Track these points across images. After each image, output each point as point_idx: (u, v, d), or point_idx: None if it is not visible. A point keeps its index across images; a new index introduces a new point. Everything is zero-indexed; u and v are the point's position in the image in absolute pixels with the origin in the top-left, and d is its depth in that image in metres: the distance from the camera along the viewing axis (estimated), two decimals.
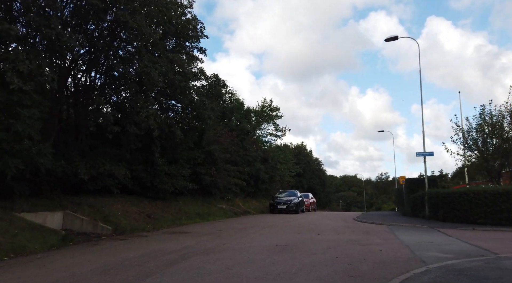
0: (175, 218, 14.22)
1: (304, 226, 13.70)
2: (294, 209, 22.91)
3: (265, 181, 27.51)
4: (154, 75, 10.86)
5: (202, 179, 18.93)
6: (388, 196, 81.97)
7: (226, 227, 12.74)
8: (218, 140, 20.70)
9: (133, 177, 14.36)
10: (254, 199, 27.08)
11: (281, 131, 34.05)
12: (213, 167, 19.59)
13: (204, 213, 17.02)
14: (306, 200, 28.04)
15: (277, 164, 29.99)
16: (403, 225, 14.41)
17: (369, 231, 12.09)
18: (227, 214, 19.00)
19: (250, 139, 27.26)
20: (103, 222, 10.69)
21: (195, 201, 18.59)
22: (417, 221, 15.96)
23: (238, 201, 22.69)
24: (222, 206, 20.19)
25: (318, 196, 57.31)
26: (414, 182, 18.49)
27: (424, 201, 16.59)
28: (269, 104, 33.27)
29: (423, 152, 16.96)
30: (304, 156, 54.16)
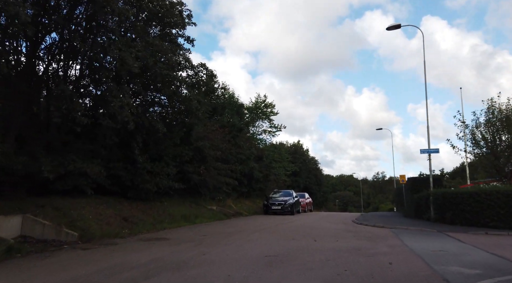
0: (156, 222, 12.86)
1: (299, 229, 12.41)
2: (289, 210, 21.63)
3: (259, 180, 26.20)
4: (129, 59, 9.48)
5: (190, 178, 17.57)
6: (385, 196, 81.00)
7: (212, 232, 11.40)
8: (208, 137, 19.33)
9: (111, 175, 12.97)
10: (247, 199, 25.76)
11: (276, 128, 32.80)
12: (202, 165, 18.23)
13: (191, 215, 15.67)
14: (302, 200, 26.76)
15: (272, 162, 28.70)
16: (407, 229, 13.16)
17: (372, 236, 10.81)
18: (217, 216, 17.66)
19: (244, 136, 25.93)
20: (69, 227, 9.31)
21: (182, 202, 17.24)
22: (421, 223, 14.72)
23: (229, 202, 21.36)
24: (212, 207, 18.85)
25: (315, 196, 56.09)
26: (417, 181, 17.27)
27: (429, 202, 15.36)
28: (263, 100, 31.99)
29: (428, 149, 15.72)
30: (300, 154, 52.89)
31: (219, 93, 25.63)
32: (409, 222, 15.63)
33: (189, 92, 13.49)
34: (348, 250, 7.86)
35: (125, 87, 10.24)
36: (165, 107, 15.84)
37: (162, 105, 15.61)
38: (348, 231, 12.30)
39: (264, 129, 32.66)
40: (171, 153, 15.60)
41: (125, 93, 9.98)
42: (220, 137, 20.86)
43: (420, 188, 17.05)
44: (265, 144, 32.52)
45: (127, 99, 9.98)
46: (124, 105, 9.89)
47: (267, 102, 32.22)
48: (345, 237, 10.60)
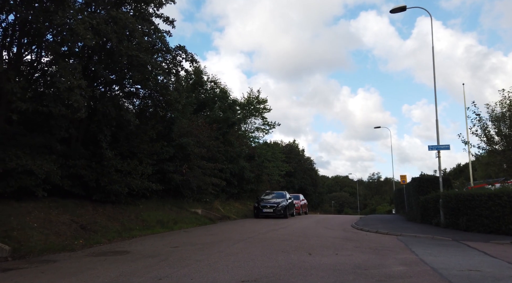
0: (124, 229, 10.96)
1: (291, 238, 10.58)
2: (282, 213, 19.80)
3: (250, 180, 24.34)
4: (79, 29, 7.61)
5: (171, 178, 15.70)
6: (382, 197, 79.54)
7: (187, 242, 9.53)
8: (192, 133, 17.47)
9: (71, 175, 11.09)
10: (237, 201, 23.90)
11: (270, 125, 30.99)
12: (185, 163, 16.37)
13: (169, 220, 13.77)
14: (297, 202, 24.96)
15: (265, 161, 26.85)
16: (416, 236, 11.39)
17: (378, 247, 9.02)
18: (201, 220, 15.78)
19: (234, 134, 24.07)
20: (1, 238, 7.41)
21: (161, 205, 15.34)
22: (431, 229, 12.97)
23: (217, 204, 19.49)
24: (197, 210, 16.97)
25: (310, 197, 54.33)
26: (423, 181, 15.54)
27: (438, 205, 13.62)
28: (256, 95, 30.15)
29: (437, 145, 13.98)
30: (295, 154, 51.15)
31: (208, 87, 23.78)
32: (416, 227, 13.88)
33: (165, 79, 11.60)
34: (352, 270, 6.05)
35: (75, 64, 8.35)
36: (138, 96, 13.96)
37: (134, 94, 13.72)
38: (348, 240, 10.50)
39: (257, 126, 30.84)
40: (146, 150, 13.71)
41: (75, 71, 8.08)
42: (207, 133, 19.00)
43: (427, 189, 15.32)
44: (258, 142, 30.71)
45: (78, 81, 8.08)
46: (74, 87, 7.99)
47: (260, 98, 30.42)
48: (346, 248, 8.79)
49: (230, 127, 22.07)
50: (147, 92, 13.93)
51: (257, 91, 30.14)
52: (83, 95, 8.40)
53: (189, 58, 12.43)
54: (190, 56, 12.41)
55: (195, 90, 22.52)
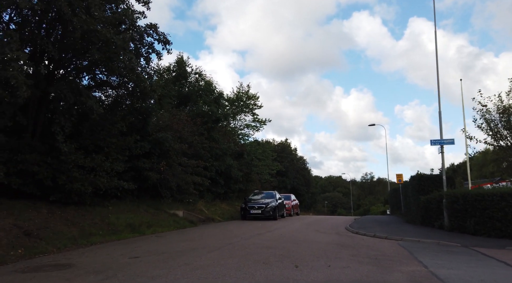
0: (83, 234, 9.40)
1: (277, 244, 9.14)
2: (271, 214, 18.34)
3: (238, 179, 22.86)
4: None
5: (147, 176, 14.14)
6: (375, 197, 78.60)
7: (152, 251, 8.02)
8: (172, 127, 15.94)
9: (21, 172, 9.51)
10: (224, 202, 22.39)
11: (260, 122, 29.55)
12: (163, 160, 14.83)
13: (142, 223, 12.24)
14: (287, 202, 23.50)
15: (254, 159, 25.39)
16: (420, 241, 10.04)
17: (378, 256, 7.63)
18: (180, 223, 14.25)
19: (222, 130, 22.58)
20: None
21: (136, 206, 13.79)
22: (434, 233, 11.64)
23: (200, 205, 17.96)
24: (176, 212, 15.44)
25: (303, 197, 53.01)
26: (424, 180, 14.22)
27: (442, 206, 12.31)
28: (246, 90, 28.69)
29: (440, 140, 12.66)
30: (287, 153, 49.75)
31: (192, 79, 22.23)
32: (417, 230, 12.54)
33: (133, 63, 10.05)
34: None
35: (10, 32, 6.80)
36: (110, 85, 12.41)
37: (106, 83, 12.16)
38: (343, 246, 9.09)
39: (247, 123, 29.35)
40: (116, 144, 12.15)
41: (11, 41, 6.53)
42: (189, 128, 17.48)
43: (428, 188, 14.01)
44: (248, 139, 29.24)
45: (15, 52, 6.54)
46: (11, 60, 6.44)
47: (250, 93, 28.97)
48: (341, 257, 7.38)
49: (216, 123, 20.56)
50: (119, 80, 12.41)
51: (247, 86, 28.73)
52: (24, 71, 6.84)
53: (162, 39, 10.91)
54: (162, 36, 10.88)
55: (177, 82, 20.97)
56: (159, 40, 10.99)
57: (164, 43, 11.02)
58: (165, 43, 11.03)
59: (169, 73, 21.53)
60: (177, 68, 21.43)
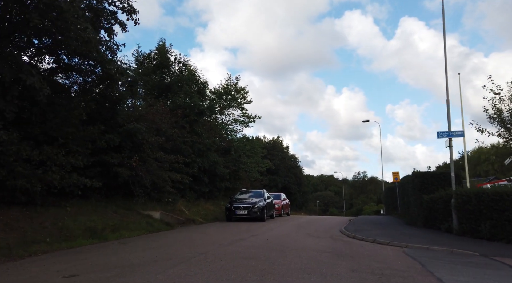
0: (22, 242, 7.67)
1: (260, 254, 7.54)
2: (258, 215, 16.76)
3: (225, 177, 21.21)
4: None
5: (117, 172, 12.43)
6: (368, 196, 77.66)
7: (101, 264, 6.35)
8: (147, 118, 14.22)
9: None
10: (209, 201, 20.73)
11: (249, 118, 27.93)
12: (135, 155, 13.12)
13: (106, 226, 10.54)
14: (277, 202, 21.95)
15: (242, 156, 23.77)
16: (428, 248, 8.55)
17: (384, 270, 6.09)
18: (154, 226, 12.57)
19: (207, 124, 20.90)
20: None
21: (102, 207, 12.07)
22: (443, 238, 10.17)
23: (180, 205, 16.27)
24: (151, 213, 13.74)
25: (294, 196, 51.60)
26: (428, 177, 12.78)
27: (450, 206, 10.86)
28: (234, 83, 27.02)
29: (448, 132, 11.21)
30: (279, 151, 48.27)
31: (175, 68, 20.49)
32: (422, 234, 11.07)
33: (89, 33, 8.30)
34: None
35: None
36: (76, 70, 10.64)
37: (72, 68, 10.38)
38: (339, 256, 7.54)
39: (235, 118, 27.69)
40: (75, 135, 10.42)
41: None
42: (167, 120, 15.78)
43: (431, 187, 12.57)
44: (236, 135, 27.59)
45: None
46: None
47: (239, 87, 27.30)
48: (339, 273, 5.82)
49: (200, 116, 18.86)
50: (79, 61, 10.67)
51: (236, 78, 27.04)
52: None
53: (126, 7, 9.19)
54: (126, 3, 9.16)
55: (158, 71, 19.22)
56: (123, 9, 9.28)
57: (129, 13, 9.32)
58: (130, 13, 9.33)
59: (149, 62, 19.77)
60: (159, 56, 19.68)
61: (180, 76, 19.51)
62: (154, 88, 19.13)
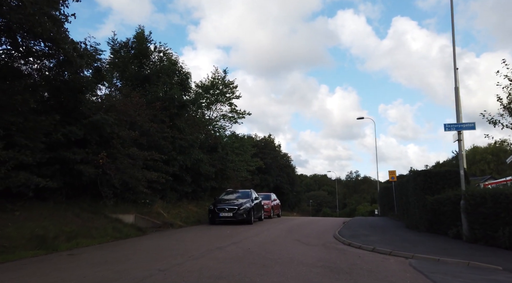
0: None
1: (237, 269, 6.08)
2: (244, 218, 15.31)
3: (210, 176, 19.69)
4: None
5: (80, 170, 10.84)
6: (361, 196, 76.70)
7: None
8: (118, 109, 12.64)
9: None
10: (193, 202, 19.20)
11: (238, 114, 26.43)
12: (103, 151, 11.54)
13: (61, 234, 8.97)
14: (267, 202, 20.54)
15: (229, 154, 22.27)
16: (439, 260, 7.17)
17: None
18: (122, 231, 11.00)
19: (190, 118, 19.35)
20: None
21: (62, 211, 10.47)
22: (452, 246, 8.81)
23: (158, 207, 14.72)
24: (123, 217, 12.20)
25: (287, 196, 50.24)
26: (432, 176, 11.41)
27: (459, 209, 9.50)
28: (222, 76, 25.49)
29: (457, 124, 9.84)
30: (270, 149, 46.83)
31: (155, 58, 18.91)
32: (427, 241, 9.69)
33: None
34: None
35: None
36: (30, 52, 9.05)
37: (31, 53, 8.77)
38: (334, 271, 6.10)
39: (224, 114, 26.16)
40: (20, 125, 8.83)
41: None
42: (143, 112, 14.22)
43: (436, 186, 11.22)
44: (224, 132, 26.06)
45: None
46: None
47: (227, 81, 25.78)
48: None
49: (181, 109, 17.30)
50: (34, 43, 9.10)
51: (224, 71, 25.47)
52: None
53: None
54: None
55: (135, 61, 17.61)
56: None
57: None
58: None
59: (126, 51, 18.17)
60: (137, 45, 18.09)
61: (160, 66, 17.92)
62: (131, 79, 17.52)
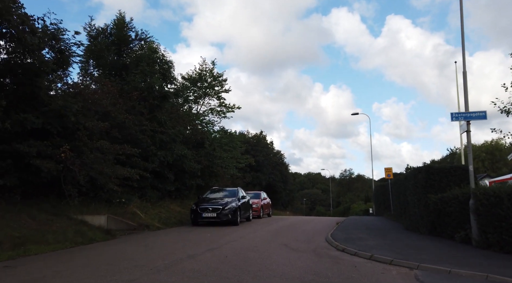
0: None
1: None
2: (229, 218, 14.06)
3: (195, 174, 18.38)
4: None
5: (38, 165, 9.48)
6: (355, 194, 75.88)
7: None
8: (84, 96, 11.27)
9: None
10: (176, 201, 17.89)
11: (227, 107, 25.14)
12: (65, 143, 10.18)
13: (8, 239, 7.64)
14: (256, 201, 19.31)
15: (217, 150, 20.96)
16: (450, 271, 5.98)
17: None
18: (86, 235, 9.65)
19: (174, 111, 18.01)
20: None
21: (15, 213, 9.13)
22: (461, 253, 7.64)
23: (133, 207, 13.38)
24: (90, 218, 10.86)
25: (280, 195, 49.11)
26: (434, 173, 10.24)
27: (467, 209, 8.35)
28: (210, 68, 24.15)
29: (465, 113, 8.67)
30: (263, 146, 45.59)
31: (136, 47, 17.51)
32: (431, 246, 8.52)
33: None
34: None
35: None
36: None
37: None
38: None
39: (212, 107, 24.82)
40: None
41: None
42: (117, 101, 12.86)
43: (440, 185, 10.06)
44: (213, 127, 24.73)
45: None
46: None
47: (215, 73, 24.43)
48: None
49: (162, 101, 15.93)
50: None
51: (212, 62, 24.12)
52: None
53: None
54: None
55: (113, 48, 16.20)
56: None
57: None
58: None
59: (104, 37, 16.76)
60: (116, 31, 16.69)
61: (140, 54, 16.52)
62: (108, 67, 16.12)
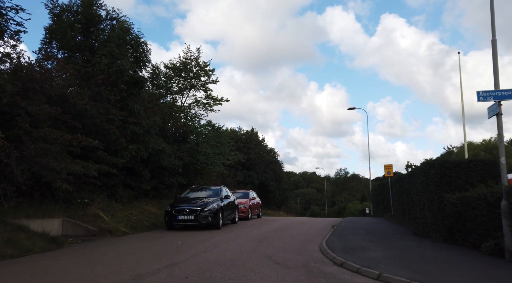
0: None
1: None
2: (209, 221, 12.20)
3: (176, 171, 16.46)
4: None
5: None
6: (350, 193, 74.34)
7: None
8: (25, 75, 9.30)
9: None
10: (152, 201, 15.94)
11: (214, 100, 23.19)
12: None
13: None
14: (243, 201, 17.46)
15: (200, 144, 19.03)
16: None
17: None
18: (22, 245, 7.70)
19: (152, 101, 16.06)
20: None
21: None
22: (496, 268, 5.85)
23: (96, 209, 11.42)
24: (34, 223, 8.92)
25: (273, 194, 47.28)
26: (450, 168, 8.47)
27: (499, 213, 6.56)
28: (195, 56, 22.18)
29: (495, 91, 6.88)
30: (255, 144, 43.73)
31: (107, 27, 15.54)
32: (455, 260, 6.71)
33: None
34: None
35: None
36: None
37: None
38: None
39: (197, 99, 22.86)
40: None
41: None
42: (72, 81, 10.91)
43: (458, 182, 8.28)
44: (199, 121, 22.77)
45: None
46: None
47: (201, 62, 22.46)
48: None
49: (134, 87, 13.96)
50: None
51: (197, 50, 22.12)
52: None
53: None
54: None
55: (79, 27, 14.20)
56: None
57: None
58: None
59: (69, 15, 14.78)
60: (83, 9, 14.72)
61: (109, 34, 14.54)
62: (73, 49, 14.14)
